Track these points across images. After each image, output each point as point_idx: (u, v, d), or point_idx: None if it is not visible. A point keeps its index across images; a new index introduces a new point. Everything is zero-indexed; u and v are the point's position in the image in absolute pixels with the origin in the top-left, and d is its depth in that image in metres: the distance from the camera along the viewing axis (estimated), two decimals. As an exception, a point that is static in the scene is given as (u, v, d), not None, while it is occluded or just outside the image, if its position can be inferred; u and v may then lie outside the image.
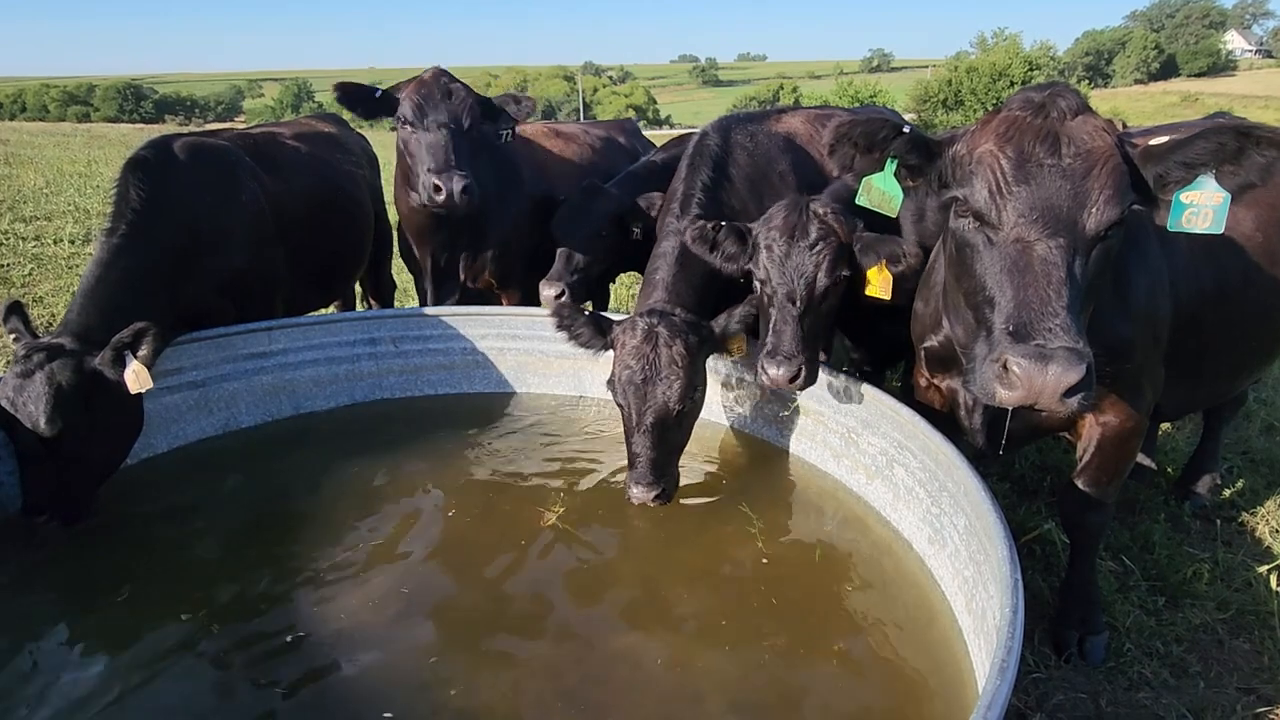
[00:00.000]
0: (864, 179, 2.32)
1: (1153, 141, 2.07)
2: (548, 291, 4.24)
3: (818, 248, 3.03)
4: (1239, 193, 2.95)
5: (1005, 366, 1.81)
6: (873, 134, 2.19)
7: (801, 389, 3.05)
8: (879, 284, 3.08)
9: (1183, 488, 4.09)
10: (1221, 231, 2.04)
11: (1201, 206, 2.02)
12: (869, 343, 3.98)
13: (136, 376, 3.12)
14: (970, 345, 2.09)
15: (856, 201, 2.49)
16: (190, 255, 3.65)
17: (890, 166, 2.22)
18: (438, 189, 3.71)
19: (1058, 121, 1.98)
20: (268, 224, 4.11)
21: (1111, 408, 2.74)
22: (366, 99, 4.01)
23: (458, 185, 3.72)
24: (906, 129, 2.18)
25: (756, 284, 3.19)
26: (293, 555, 3.03)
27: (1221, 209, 2.00)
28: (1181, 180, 2.04)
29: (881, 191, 2.32)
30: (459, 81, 4.03)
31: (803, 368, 2.96)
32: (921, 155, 2.20)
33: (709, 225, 3.24)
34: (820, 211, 3.09)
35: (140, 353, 3.13)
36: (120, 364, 3.12)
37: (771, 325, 3.06)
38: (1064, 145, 1.95)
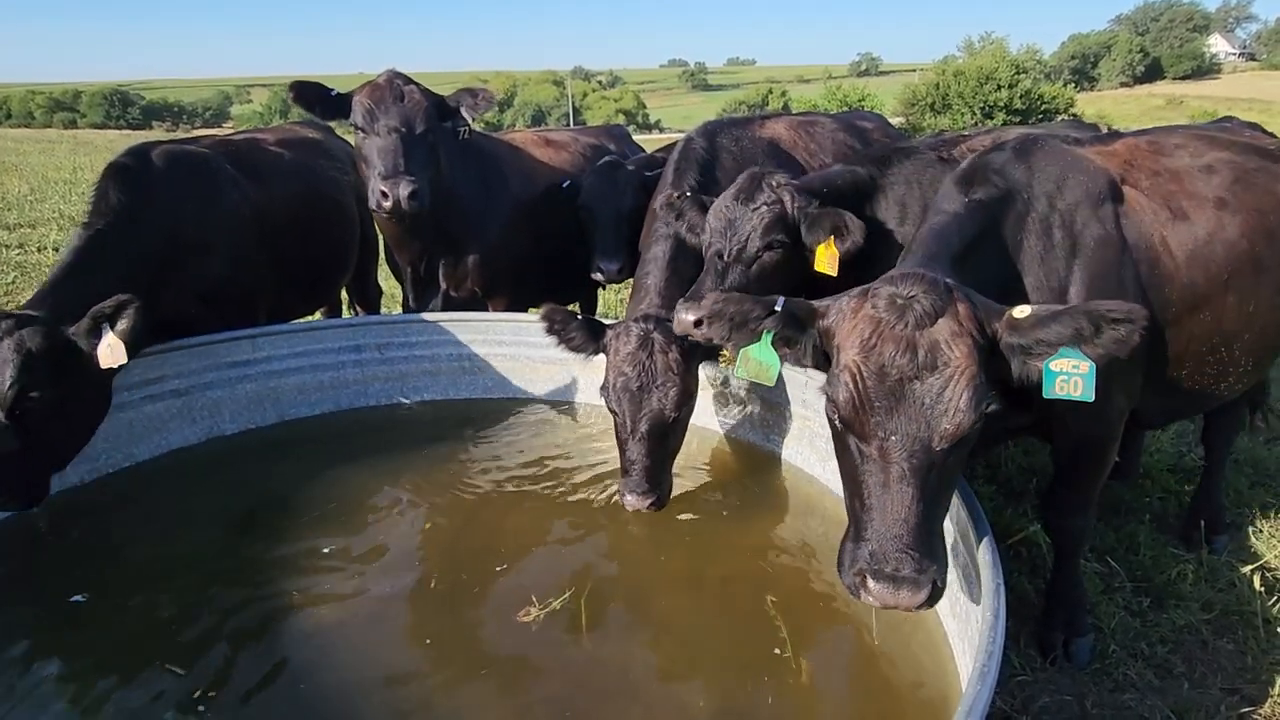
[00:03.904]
0: (740, 350, 2.40)
1: (1017, 311, 2.12)
2: (611, 266, 4.42)
3: (759, 210, 3.10)
4: (1228, 198, 2.95)
5: (864, 581, 2.01)
6: (745, 314, 2.28)
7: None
8: (825, 260, 3.10)
9: (1193, 528, 3.76)
10: (1093, 399, 2.11)
11: (1071, 374, 2.11)
12: None
13: (111, 350, 2.99)
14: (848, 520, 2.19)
15: (734, 374, 2.55)
16: (169, 263, 3.62)
17: (767, 338, 2.30)
18: (384, 195, 3.65)
19: (916, 329, 2.03)
20: (250, 232, 4.08)
21: (1083, 416, 2.74)
22: (323, 99, 3.94)
23: (404, 191, 3.63)
24: (778, 306, 2.26)
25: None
26: (276, 564, 3.01)
27: (1089, 376, 2.08)
28: (1045, 353, 2.12)
29: (758, 362, 2.42)
30: (414, 84, 3.96)
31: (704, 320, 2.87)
32: (794, 328, 2.28)
33: (675, 195, 3.34)
34: (774, 182, 3.14)
35: (119, 326, 3.02)
36: (96, 335, 3.01)
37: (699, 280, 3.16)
38: (921, 357, 2.01)
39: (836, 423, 2.15)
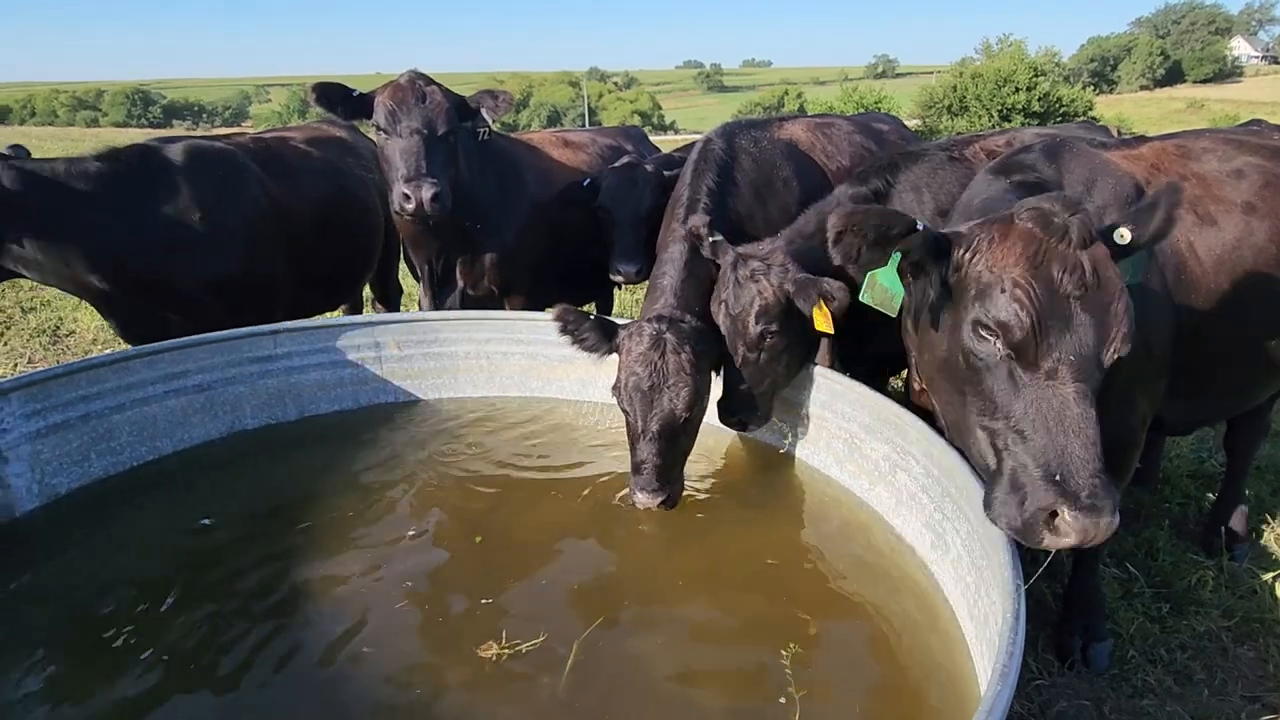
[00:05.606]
0: (869, 274, 2.24)
1: (1117, 238, 2.09)
2: (629, 268, 4.43)
3: (744, 312, 3.16)
4: (1257, 203, 2.92)
5: (1054, 515, 1.88)
6: (886, 228, 2.10)
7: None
8: (822, 321, 3.08)
9: (1213, 535, 3.75)
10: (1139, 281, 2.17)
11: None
12: (859, 359, 3.98)
13: None
14: (965, 446, 2.12)
15: (859, 299, 2.45)
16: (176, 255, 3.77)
17: (894, 263, 2.16)
18: (407, 198, 3.67)
19: (1080, 249, 1.96)
20: (271, 229, 4.13)
21: (1106, 421, 2.72)
22: (344, 99, 3.96)
23: (427, 194, 3.66)
24: (920, 225, 2.11)
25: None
26: (295, 558, 3.04)
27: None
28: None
29: (885, 289, 2.25)
30: (435, 85, 3.97)
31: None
32: (930, 253, 2.14)
33: (699, 226, 3.37)
34: (746, 273, 3.15)
35: None
36: None
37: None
38: (1089, 277, 1.94)
39: (998, 347, 2.01)
